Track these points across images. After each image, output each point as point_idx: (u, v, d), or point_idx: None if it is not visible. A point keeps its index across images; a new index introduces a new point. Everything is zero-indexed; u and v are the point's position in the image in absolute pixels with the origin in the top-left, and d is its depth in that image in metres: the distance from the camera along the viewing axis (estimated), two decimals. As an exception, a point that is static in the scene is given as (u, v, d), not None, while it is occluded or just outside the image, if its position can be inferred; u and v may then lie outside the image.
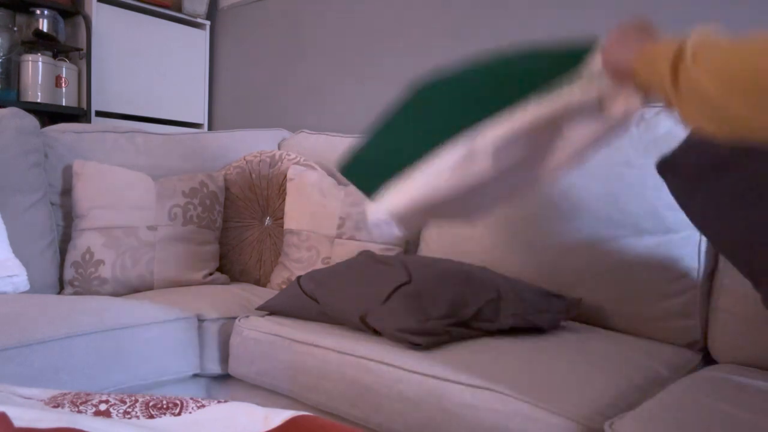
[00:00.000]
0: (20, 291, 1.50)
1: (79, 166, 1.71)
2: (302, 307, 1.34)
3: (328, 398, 1.16)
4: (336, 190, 1.77)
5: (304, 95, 2.51)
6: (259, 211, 1.93)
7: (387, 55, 2.23)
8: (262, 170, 1.95)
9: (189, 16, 2.79)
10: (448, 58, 2.06)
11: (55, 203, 1.75)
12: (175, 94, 2.76)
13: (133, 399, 0.63)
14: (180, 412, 0.62)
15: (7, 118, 1.64)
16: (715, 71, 0.63)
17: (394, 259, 1.39)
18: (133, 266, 1.65)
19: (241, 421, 0.61)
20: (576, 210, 1.41)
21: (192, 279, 1.73)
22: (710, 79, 0.63)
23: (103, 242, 1.64)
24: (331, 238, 1.71)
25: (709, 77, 0.63)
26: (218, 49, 2.89)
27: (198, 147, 2.06)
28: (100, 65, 2.50)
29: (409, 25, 2.17)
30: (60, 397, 0.62)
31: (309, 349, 1.21)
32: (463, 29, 2.02)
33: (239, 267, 1.89)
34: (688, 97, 0.66)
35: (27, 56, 2.34)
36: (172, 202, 1.75)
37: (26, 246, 1.58)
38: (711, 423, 0.80)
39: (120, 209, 1.68)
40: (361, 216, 1.69)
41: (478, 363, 1.05)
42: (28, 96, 2.34)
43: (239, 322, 1.36)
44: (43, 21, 2.38)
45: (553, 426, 0.87)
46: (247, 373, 1.32)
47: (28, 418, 0.53)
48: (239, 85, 2.80)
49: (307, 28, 2.50)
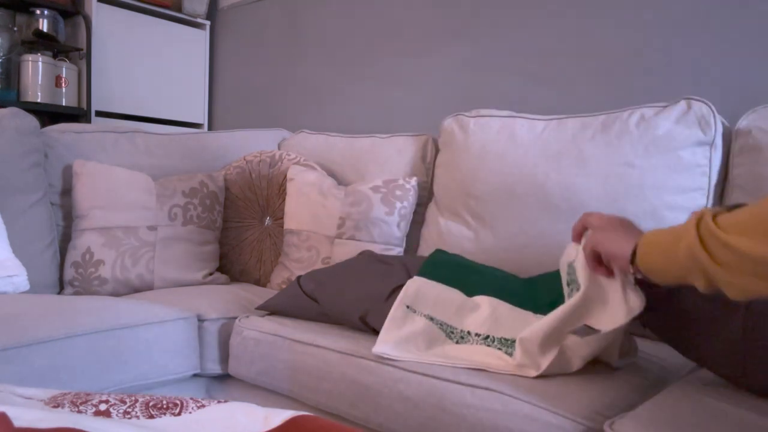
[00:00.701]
0: (20, 291, 1.50)
1: (79, 166, 1.71)
2: (302, 307, 1.34)
3: (328, 398, 1.16)
4: (336, 190, 1.77)
5: (304, 95, 2.51)
6: (259, 211, 1.93)
7: (387, 56, 2.23)
8: (262, 170, 1.95)
9: (189, 16, 2.79)
10: (447, 59, 2.06)
11: (55, 203, 1.75)
12: (175, 94, 2.76)
13: (133, 399, 0.63)
14: (180, 412, 0.62)
15: (7, 118, 1.64)
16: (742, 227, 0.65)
17: (394, 259, 1.39)
18: (133, 266, 1.65)
19: (241, 421, 0.61)
20: (576, 210, 1.41)
21: (192, 279, 1.73)
22: (740, 234, 0.65)
23: (103, 242, 1.64)
24: (331, 238, 1.71)
25: (738, 234, 0.65)
26: (218, 49, 2.89)
27: (198, 147, 2.06)
28: (100, 65, 2.50)
29: (408, 26, 2.17)
30: (60, 397, 0.62)
31: (309, 349, 1.21)
32: (462, 30, 2.02)
33: (239, 267, 1.89)
34: (724, 261, 0.67)
35: (27, 56, 2.34)
36: (172, 202, 1.75)
37: (26, 246, 1.58)
38: (711, 423, 0.80)
39: (120, 209, 1.68)
40: (361, 216, 1.69)
41: (478, 363, 1.05)
42: (28, 96, 2.34)
43: (239, 322, 1.36)
44: (43, 21, 2.38)
45: (553, 426, 0.87)
46: (247, 373, 1.32)
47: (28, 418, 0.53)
48: (239, 85, 2.80)
49: (307, 28, 2.50)
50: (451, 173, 1.68)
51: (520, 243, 1.49)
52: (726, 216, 0.68)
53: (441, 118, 1.80)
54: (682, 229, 0.73)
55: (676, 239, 0.73)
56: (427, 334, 1.11)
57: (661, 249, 0.77)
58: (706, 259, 0.68)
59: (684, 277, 0.74)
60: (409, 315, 1.14)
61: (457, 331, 1.13)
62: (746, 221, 0.65)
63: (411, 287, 1.20)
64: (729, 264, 0.66)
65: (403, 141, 1.88)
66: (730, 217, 0.68)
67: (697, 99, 1.37)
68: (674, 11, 1.60)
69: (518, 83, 1.90)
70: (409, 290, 1.19)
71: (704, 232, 0.69)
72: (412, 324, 1.12)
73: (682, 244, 0.72)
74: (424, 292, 1.19)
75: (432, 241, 1.69)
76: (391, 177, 1.81)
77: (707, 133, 1.34)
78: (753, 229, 0.64)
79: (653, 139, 1.37)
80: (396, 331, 1.11)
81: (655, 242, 0.79)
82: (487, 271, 1.31)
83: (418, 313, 1.14)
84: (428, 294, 1.19)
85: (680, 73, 1.60)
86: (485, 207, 1.57)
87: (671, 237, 0.75)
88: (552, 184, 1.46)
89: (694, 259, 0.70)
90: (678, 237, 0.73)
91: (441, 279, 1.23)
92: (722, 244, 0.67)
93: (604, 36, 1.72)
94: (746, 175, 1.31)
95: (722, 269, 0.67)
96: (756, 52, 1.48)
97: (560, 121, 1.54)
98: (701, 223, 0.70)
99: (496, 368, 1.01)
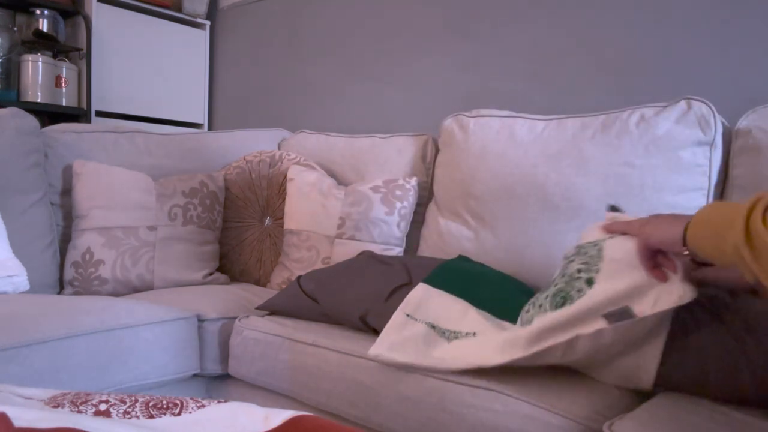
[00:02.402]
0: (20, 291, 1.50)
1: (79, 166, 1.71)
2: (302, 307, 1.34)
3: (328, 398, 1.16)
4: (336, 190, 1.77)
5: (304, 95, 2.51)
6: (259, 211, 1.93)
7: (387, 55, 2.23)
8: (262, 170, 1.95)
9: (189, 16, 2.79)
10: (447, 59, 2.06)
11: (55, 203, 1.75)
12: (175, 94, 2.76)
13: (133, 399, 0.63)
14: (180, 412, 0.62)
15: (7, 118, 1.64)
16: None
17: (394, 259, 1.39)
18: (133, 266, 1.65)
19: (241, 421, 0.61)
20: (576, 210, 1.41)
21: (192, 279, 1.73)
22: None
23: (103, 242, 1.64)
24: (331, 238, 1.71)
25: None
26: (218, 49, 2.89)
27: (198, 147, 2.06)
28: (100, 65, 2.50)
29: (408, 26, 2.17)
30: (60, 397, 0.62)
31: (309, 349, 1.21)
32: (462, 30, 2.02)
33: (239, 267, 1.89)
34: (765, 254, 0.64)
35: (27, 56, 2.34)
36: (172, 202, 1.75)
37: (26, 246, 1.58)
38: (710, 423, 0.80)
39: (120, 209, 1.68)
40: (361, 216, 1.69)
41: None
42: (28, 96, 2.34)
43: (239, 322, 1.36)
44: (43, 21, 2.38)
45: (553, 426, 0.87)
46: (247, 373, 1.32)
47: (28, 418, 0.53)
48: (239, 85, 2.80)
49: (307, 28, 2.50)
50: (451, 173, 1.68)
51: (520, 243, 1.49)
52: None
53: (441, 118, 1.80)
54: (733, 214, 0.69)
55: (726, 226, 0.69)
56: (425, 337, 1.10)
57: (710, 235, 0.74)
58: (749, 257, 0.66)
59: (734, 264, 0.70)
60: (409, 322, 1.13)
61: (452, 332, 1.11)
62: None
63: (414, 296, 1.18)
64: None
65: (403, 141, 1.88)
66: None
67: (697, 99, 1.36)
68: (674, 11, 1.60)
69: (518, 83, 1.90)
70: (411, 299, 1.17)
71: (753, 230, 0.66)
72: (411, 328, 1.11)
73: (730, 236, 0.68)
74: (427, 302, 1.17)
75: (432, 241, 1.69)
76: (391, 177, 1.81)
77: (707, 133, 1.34)
78: None
79: (653, 139, 1.37)
80: (394, 335, 1.11)
81: (705, 222, 0.75)
82: (503, 283, 1.28)
83: (419, 321, 1.13)
84: (431, 303, 1.16)
85: (680, 73, 1.60)
86: (485, 207, 1.57)
87: (721, 220, 0.71)
88: (552, 184, 1.46)
89: (740, 255, 0.67)
90: (728, 223, 0.69)
91: (448, 288, 1.20)
92: (764, 245, 0.64)
93: (604, 36, 1.72)
94: (746, 175, 1.31)
95: (766, 273, 0.65)
96: (756, 52, 1.48)
97: (560, 121, 1.54)
98: (752, 216, 0.66)
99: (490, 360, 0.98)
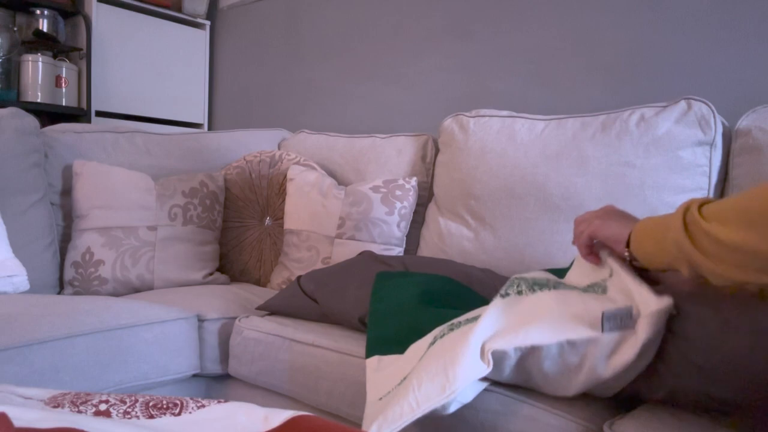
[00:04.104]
0: (20, 291, 1.49)
1: (79, 166, 1.71)
2: (302, 307, 1.34)
3: (328, 398, 1.16)
4: (336, 190, 1.77)
5: (304, 95, 2.51)
6: (259, 211, 1.93)
7: (387, 56, 2.23)
8: (262, 170, 1.95)
9: (189, 16, 2.79)
10: (447, 59, 2.06)
11: (55, 203, 1.75)
12: (175, 94, 2.76)
13: (133, 399, 0.63)
14: (180, 412, 0.62)
15: (7, 118, 1.64)
16: (723, 216, 0.68)
17: (394, 259, 1.39)
18: (133, 266, 1.65)
19: (241, 421, 0.61)
20: (576, 210, 1.41)
21: (192, 279, 1.73)
22: (720, 223, 0.68)
23: (103, 242, 1.64)
24: (331, 238, 1.71)
25: (719, 222, 0.68)
26: (218, 49, 2.89)
27: (198, 147, 2.06)
28: (100, 65, 2.50)
29: (408, 26, 2.17)
30: (60, 397, 0.62)
31: (309, 349, 1.21)
32: (462, 30, 2.02)
33: (239, 267, 1.89)
34: (709, 250, 0.69)
35: (27, 56, 2.34)
36: (172, 202, 1.75)
37: (26, 246, 1.58)
38: (710, 423, 0.80)
39: (120, 209, 1.68)
40: (361, 216, 1.69)
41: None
42: (28, 96, 2.34)
43: (239, 322, 1.36)
44: (43, 21, 2.38)
45: (553, 427, 0.87)
46: (247, 373, 1.32)
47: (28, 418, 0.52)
48: (239, 85, 2.80)
49: (307, 29, 2.50)
50: (451, 173, 1.68)
51: (520, 243, 1.49)
52: (711, 206, 0.71)
53: (441, 118, 1.80)
54: (671, 217, 0.75)
55: (666, 227, 0.76)
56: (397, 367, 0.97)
57: (652, 235, 0.80)
58: (689, 247, 0.71)
59: (671, 263, 0.77)
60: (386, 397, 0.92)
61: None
62: (727, 210, 0.68)
63: (372, 380, 0.98)
64: (710, 252, 0.69)
65: (403, 141, 1.88)
66: (714, 206, 0.71)
67: (697, 99, 1.37)
68: (674, 10, 1.60)
69: (518, 83, 1.90)
70: (373, 384, 0.97)
71: (689, 220, 0.72)
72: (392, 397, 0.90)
73: (670, 232, 0.75)
74: (385, 375, 0.97)
75: (432, 241, 1.69)
76: (391, 177, 1.81)
77: (707, 133, 1.34)
78: (733, 219, 0.67)
79: (653, 139, 1.37)
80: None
81: (647, 228, 0.82)
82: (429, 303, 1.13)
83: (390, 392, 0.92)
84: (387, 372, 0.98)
85: (680, 73, 1.60)
86: (485, 207, 1.57)
87: (662, 224, 0.78)
88: (552, 184, 1.46)
89: (679, 247, 0.73)
90: (667, 225, 0.76)
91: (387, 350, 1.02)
92: (704, 232, 0.69)
93: (604, 36, 1.72)
94: (746, 175, 1.31)
95: (704, 257, 0.70)
96: (756, 52, 1.48)
97: (560, 121, 1.54)
98: (688, 212, 0.73)
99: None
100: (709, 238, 0.69)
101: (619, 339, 0.80)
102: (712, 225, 0.69)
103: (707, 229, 0.69)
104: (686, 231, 0.72)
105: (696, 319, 0.77)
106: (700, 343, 0.76)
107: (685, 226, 0.72)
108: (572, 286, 0.95)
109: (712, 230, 0.68)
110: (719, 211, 0.69)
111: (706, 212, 0.71)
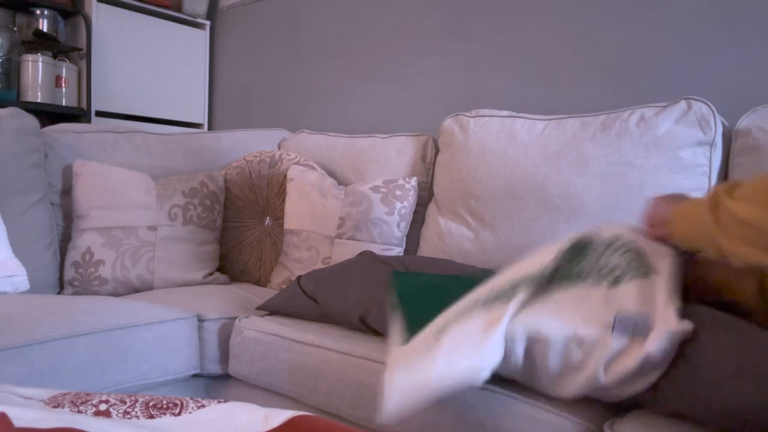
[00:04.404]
0: (20, 291, 1.49)
1: (79, 166, 1.71)
2: (302, 307, 1.34)
3: (328, 398, 1.16)
4: (336, 190, 1.77)
5: (304, 95, 2.51)
6: (259, 211, 1.93)
7: (387, 56, 2.23)
8: (262, 170, 1.95)
9: (189, 16, 2.79)
10: (447, 59, 2.06)
11: (55, 203, 1.75)
12: (175, 94, 2.76)
13: (133, 399, 0.63)
14: (180, 412, 0.62)
15: (7, 118, 1.64)
16: (750, 197, 0.71)
17: (394, 259, 1.39)
18: (133, 266, 1.65)
19: (241, 421, 0.61)
20: (576, 210, 1.41)
21: (192, 279, 1.73)
22: (747, 204, 0.71)
23: (103, 242, 1.64)
24: (331, 238, 1.71)
25: (746, 203, 0.71)
26: (218, 49, 2.89)
27: (198, 147, 2.06)
28: (100, 65, 2.50)
29: (408, 26, 2.17)
30: (60, 397, 0.62)
31: (309, 349, 1.21)
32: (462, 30, 2.02)
33: (239, 267, 1.89)
34: (730, 229, 0.72)
35: (27, 56, 2.34)
36: (172, 202, 1.75)
37: (26, 246, 1.58)
38: (711, 423, 0.80)
39: (120, 209, 1.68)
40: (361, 216, 1.69)
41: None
42: (28, 96, 2.34)
43: (239, 322, 1.36)
44: (43, 21, 2.38)
45: (553, 426, 0.87)
46: (247, 373, 1.32)
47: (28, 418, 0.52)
48: (239, 85, 2.80)
49: (307, 29, 2.50)
50: (451, 173, 1.68)
51: (520, 243, 1.49)
52: (742, 186, 0.74)
53: (441, 118, 1.80)
54: (702, 200, 0.79)
55: (698, 205, 0.80)
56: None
57: (688, 216, 0.84)
58: (713, 225, 0.74)
59: (701, 242, 0.80)
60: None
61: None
62: (749, 189, 0.72)
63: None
64: (728, 228, 0.72)
65: (403, 141, 1.88)
66: (744, 186, 0.74)
67: (697, 99, 1.37)
68: (674, 11, 1.60)
69: (518, 83, 1.90)
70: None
71: (716, 200, 0.75)
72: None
73: (700, 213, 0.78)
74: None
75: (432, 241, 1.69)
76: (391, 177, 1.81)
77: (707, 133, 1.34)
78: (751, 198, 0.70)
79: (653, 139, 1.37)
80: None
81: (683, 211, 0.86)
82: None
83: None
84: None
85: (680, 73, 1.60)
86: (485, 207, 1.57)
87: (696, 203, 0.82)
88: (552, 184, 1.46)
89: (705, 226, 0.76)
90: (699, 205, 0.80)
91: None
92: (725, 209, 0.73)
93: (604, 36, 1.72)
94: (746, 175, 1.31)
95: (724, 235, 0.73)
96: (756, 52, 1.48)
97: (560, 121, 1.54)
98: (717, 193, 0.76)
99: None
100: (729, 216, 0.72)
101: (625, 346, 0.80)
102: (735, 203, 0.72)
103: (729, 206, 0.72)
104: (712, 211, 0.75)
105: (712, 355, 0.75)
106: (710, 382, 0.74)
107: (713, 206, 0.75)
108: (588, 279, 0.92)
109: (733, 208, 0.72)
110: (743, 192, 0.72)
111: (735, 194, 0.74)
